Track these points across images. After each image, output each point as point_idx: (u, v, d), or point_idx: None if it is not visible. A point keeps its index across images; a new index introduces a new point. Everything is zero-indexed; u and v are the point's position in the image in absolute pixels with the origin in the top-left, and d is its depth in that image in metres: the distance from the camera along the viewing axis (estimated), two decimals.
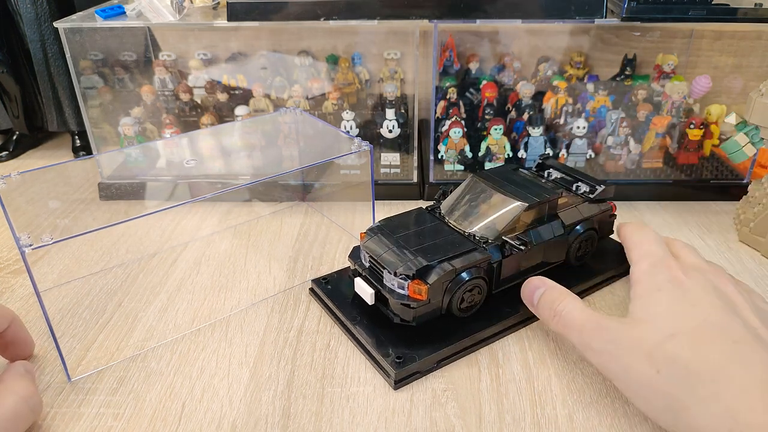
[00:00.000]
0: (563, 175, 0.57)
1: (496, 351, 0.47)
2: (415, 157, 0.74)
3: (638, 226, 0.51)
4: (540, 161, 0.59)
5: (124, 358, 0.47)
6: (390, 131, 0.74)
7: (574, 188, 0.55)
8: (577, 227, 0.52)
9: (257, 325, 0.51)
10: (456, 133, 0.71)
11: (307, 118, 0.67)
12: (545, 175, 0.58)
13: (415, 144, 0.74)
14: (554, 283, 0.47)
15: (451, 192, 0.54)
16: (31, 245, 0.40)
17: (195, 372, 0.46)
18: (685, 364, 0.36)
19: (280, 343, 0.48)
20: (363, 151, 0.55)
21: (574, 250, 0.53)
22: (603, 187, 0.54)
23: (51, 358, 0.47)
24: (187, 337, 0.50)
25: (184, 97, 0.74)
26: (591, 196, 0.54)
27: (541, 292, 0.46)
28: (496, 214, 0.49)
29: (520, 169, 0.57)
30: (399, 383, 0.44)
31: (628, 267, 0.52)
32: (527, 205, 0.48)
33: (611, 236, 0.57)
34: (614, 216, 0.55)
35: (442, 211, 0.52)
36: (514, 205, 0.49)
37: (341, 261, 0.60)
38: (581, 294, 0.53)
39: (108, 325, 0.51)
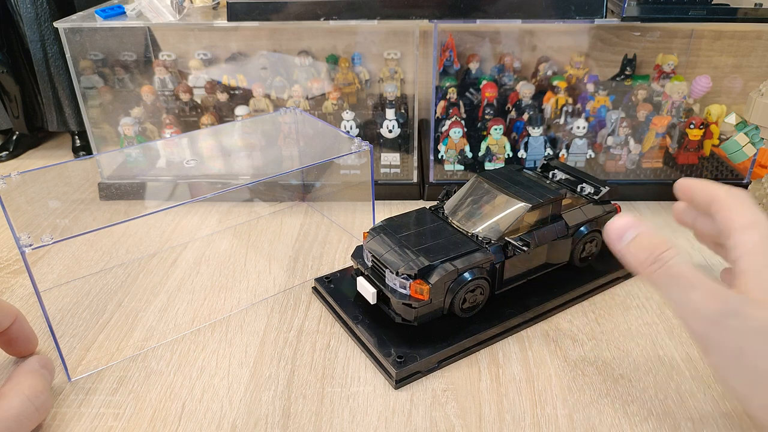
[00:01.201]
0: (568, 176, 0.57)
1: (497, 351, 0.47)
2: (415, 157, 0.74)
3: (728, 189, 0.42)
4: (545, 162, 0.59)
5: (124, 358, 0.47)
6: (390, 131, 0.74)
7: (578, 189, 0.55)
8: (581, 228, 0.52)
9: (257, 325, 0.51)
10: (456, 133, 0.71)
11: (307, 118, 0.67)
12: (550, 175, 0.58)
13: (415, 144, 0.74)
14: (650, 226, 0.40)
15: (454, 192, 0.54)
16: (31, 245, 0.40)
17: (195, 372, 0.46)
18: None
19: (280, 343, 0.48)
20: (363, 151, 0.55)
21: (578, 251, 0.53)
22: (607, 188, 0.54)
23: (51, 358, 0.47)
24: (187, 337, 0.49)
25: (184, 97, 0.74)
26: (595, 197, 0.54)
27: (634, 234, 0.39)
28: (500, 214, 0.49)
29: (524, 170, 0.57)
30: (400, 383, 0.44)
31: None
32: (531, 205, 0.48)
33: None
34: None
35: (446, 212, 0.52)
36: (518, 206, 0.49)
37: (341, 261, 0.60)
38: (584, 296, 0.53)
39: (108, 325, 0.51)
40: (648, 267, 0.38)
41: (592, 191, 0.55)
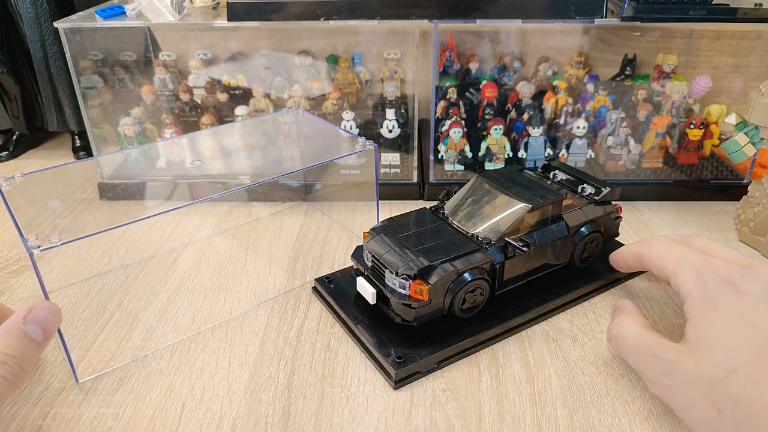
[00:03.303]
0: (569, 177, 0.57)
1: (497, 351, 0.47)
2: (415, 157, 0.74)
3: (646, 242, 0.47)
4: (546, 162, 0.59)
5: (124, 358, 0.47)
6: (390, 131, 0.74)
7: (579, 190, 0.55)
8: (582, 229, 0.52)
9: (257, 325, 0.51)
10: (456, 133, 0.71)
11: (309, 117, 0.67)
12: (550, 176, 0.58)
13: (415, 144, 0.74)
14: (630, 305, 0.45)
15: (455, 192, 0.54)
16: (39, 246, 0.40)
17: (195, 372, 0.46)
18: (749, 403, 0.34)
19: (280, 343, 0.48)
20: (368, 150, 0.55)
21: (578, 252, 0.53)
22: (608, 188, 0.54)
23: (51, 358, 0.47)
24: (187, 337, 0.49)
25: (184, 97, 0.74)
26: (596, 198, 0.54)
27: (616, 313, 0.45)
28: (500, 215, 0.49)
29: (525, 170, 0.57)
30: (399, 383, 0.44)
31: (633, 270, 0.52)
32: (531, 206, 0.48)
33: (617, 238, 0.57)
34: (620, 218, 0.55)
35: (446, 212, 0.52)
36: (518, 207, 0.49)
37: (341, 261, 0.60)
38: (584, 297, 0.53)
39: (108, 326, 0.51)
40: (610, 344, 0.44)
41: (593, 192, 0.55)
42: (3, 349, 0.37)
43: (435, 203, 0.54)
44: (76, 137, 0.86)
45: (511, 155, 0.72)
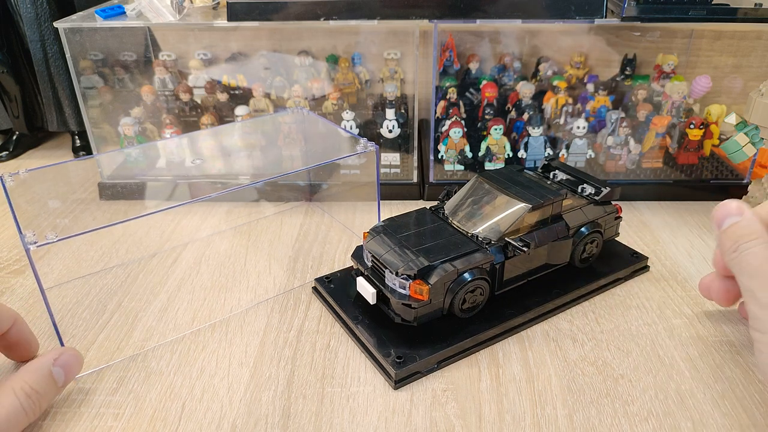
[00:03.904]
0: (569, 177, 0.57)
1: (497, 351, 0.47)
2: (415, 157, 0.74)
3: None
4: (546, 162, 0.59)
5: (124, 358, 0.47)
6: (390, 131, 0.74)
7: (579, 190, 0.55)
8: (582, 229, 0.52)
9: (257, 325, 0.51)
10: (456, 133, 0.71)
11: (313, 117, 0.67)
12: (551, 176, 0.58)
13: (415, 144, 0.74)
14: (753, 215, 0.42)
15: (455, 192, 0.54)
16: (35, 242, 0.40)
17: (195, 372, 0.46)
18: None
19: (280, 343, 0.48)
20: (369, 151, 0.56)
21: (578, 252, 0.53)
22: (608, 188, 0.54)
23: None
24: (187, 337, 0.50)
25: (184, 97, 0.74)
26: (596, 198, 0.54)
27: (734, 221, 0.42)
28: (500, 215, 0.49)
29: (525, 170, 0.57)
30: (399, 383, 0.44)
31: (634, 270, 0.52)
32: (531, 206, 0.48)
33: (616, 238, 0.57)
34: (620, 218, 0.55)
35: (446, 212, 0.52)
36: (518, 207, 0.49)
37: (341, 261, 0.60)
38: (584, 297, 0.53)
39: (108, 325, 0.51)
40: (729, 255, 0.41)
41: (593, 192, 0.55)
42: (31, 383, 0.39)
43: (435, 203, 0.54)
44: (76, 137, 0.86)
45: (511, 155, 0.72)
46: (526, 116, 0.72)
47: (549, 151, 0.72)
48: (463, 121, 0.72)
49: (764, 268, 0.39)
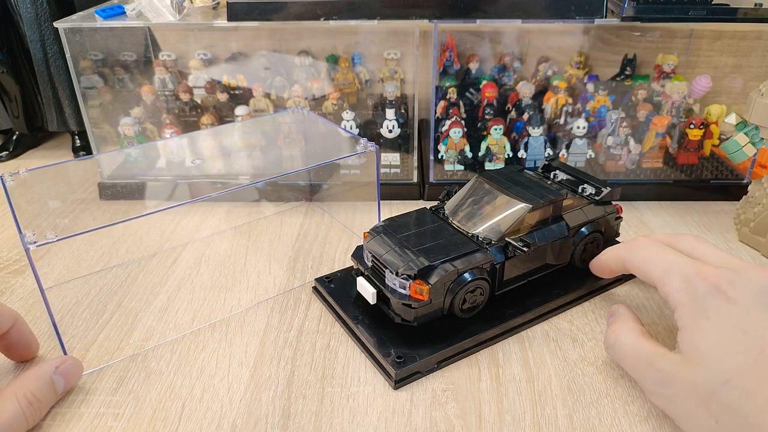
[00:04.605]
0: (569, 177, 0.57)
1: (497, 351, 0.47)
2: (415, 157, 0.74)
3: (629, 245, 0.47)
4: (546, 162, 0.59)
5: (124, 358, 0.47)
6: (390, 131, 0.74)
7: (579, 190, 0.55)
8: (582, 229, 0.52)
9: (257, 325, 0.51)
10: (456, 133, 0.71)
11: (313, 117, 0.67)
12: (551, 176, 0.58)
13: (415, 144, 0.74)
14: (625, 310, 0.45)
15: (455, 192, 0.54)
16: (35, 242, 0.40)
17: (195, 372, 0.46)
18: (744, 414, 0.34)
19: (280, 343, 0.48)
20: (369, 151, 0.56)
21: (578, 252, 0.53)
22: (608, 189, 0.54)
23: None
24: (187, 337, 0.50)
25: (184, 97, 0.74)
26: (596, 198, 0.54)
27: (612, 320, 0.45)
28: (500, 215, 0.49)
29: (525, 170, 0.57)
30: (399, 383, 0.44)
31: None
32: (531, 206, 0.48)
33: (617, 239, 0.57)
34: (620, 218, 0.55)
35: (446, 212, 0.52)
36: (519, 207, 0.49)
37: (341, 261, 0.60)
38: (585, 297, 0.53)
39: (108, 325, 0.51)
40: (608, 352, 0.44)
41: (593, 192, 0.55)
42: (33, 390, 0.40)
43: (435, 203, 0.54)
44: (76, 137, 0.86)
45: (511, 155, 0.72)
46: (526, 116, 0.72)
47: (549, 151, 0.72)
48: (463, 121, 0.72)
49: (635, 356, 0.40)
